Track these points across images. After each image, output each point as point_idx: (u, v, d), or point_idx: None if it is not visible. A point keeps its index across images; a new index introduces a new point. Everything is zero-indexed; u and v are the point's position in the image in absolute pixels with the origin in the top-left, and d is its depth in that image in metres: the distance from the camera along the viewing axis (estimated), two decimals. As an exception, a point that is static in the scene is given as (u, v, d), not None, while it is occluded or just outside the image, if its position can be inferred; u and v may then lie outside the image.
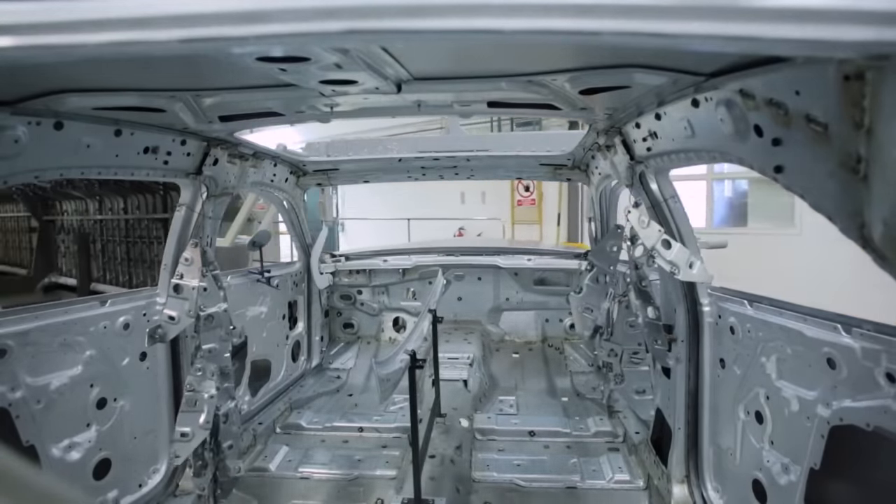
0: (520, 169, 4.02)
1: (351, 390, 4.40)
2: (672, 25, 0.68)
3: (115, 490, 2.41)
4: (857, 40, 0.66)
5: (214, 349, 2.63)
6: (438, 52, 1.57)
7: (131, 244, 8.94)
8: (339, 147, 3.95)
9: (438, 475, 2.83)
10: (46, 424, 2.11)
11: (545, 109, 2.12)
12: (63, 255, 10.58)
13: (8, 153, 1.71)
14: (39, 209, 10.64)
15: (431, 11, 0.71)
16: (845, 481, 1.67)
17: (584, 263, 4.42)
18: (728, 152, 1.58)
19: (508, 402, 4.00)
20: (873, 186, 0.90)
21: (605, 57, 1.53)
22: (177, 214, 2.69)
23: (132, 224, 8.86)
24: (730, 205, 10.27)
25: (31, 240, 11.22)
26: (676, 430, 2.52)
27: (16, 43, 0.73)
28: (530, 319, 5.07)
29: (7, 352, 1.97)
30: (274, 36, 0.74)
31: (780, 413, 1.87)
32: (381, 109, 2.18)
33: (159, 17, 0.73)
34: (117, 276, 9.17)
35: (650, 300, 2.73)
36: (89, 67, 1.51)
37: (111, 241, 9.27)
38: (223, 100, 1.96)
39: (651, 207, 2.42)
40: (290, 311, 4.23)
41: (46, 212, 10.61)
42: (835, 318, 1.62)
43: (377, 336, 5.10)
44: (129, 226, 8.91)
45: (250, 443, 3.26)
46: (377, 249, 5.41)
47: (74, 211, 10.04)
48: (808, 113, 1.06)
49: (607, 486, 2.93)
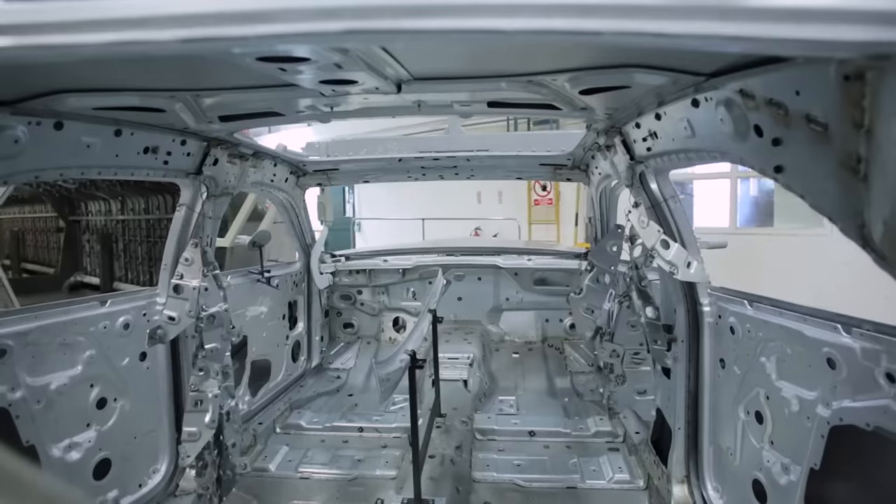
0: (520, 169, 4.02)
1: (351, 390, 4.40)
2: (672, 25, 0.69)
3: (115, 490, 2.41)
4: (857, 40, 0.66)
5: (216, 349, 2.64)
6: (438, 52, 1.57)
7: (152, 244, 9.06)
8: (339, 147, 3.95)
9: (438, 475, 2.83)
10: (46, 424, 2.11)
11: (545, 109, 2.12)
12: (88, 254, 10.79)
13: (8, 153, 1.71)
14: (66, 209, 10.87)
15: (431, 11, 0.71)
16: (845, 481, 1.67)
17: (584, 263, 4.42)
18: (728, 152, 1.58)
19: (508, 402, 4.00)
20: (873, 186, 0.90)
21: (606, 57, 1.53)
22: (177, 214, 2.69)
23: (153, 224, 9.00)
24: (755, 204, 9.98)
25: (58, 240, 11.48)
26: (676, 430, 2.52)
27: (16, 43, 0.73)
28: (530, 319, 5.07)
29: (7, 352, 1.97)
30: (274, 36, 0.74)
31: (780, 413, 1.87)
32: (381, 109, 2.18)
33: (159, 17, 0.73)
34: (139, 275, 9.32)
35: (650, 300, 2.73)
36: (89, 67, 1.51)
37: (133, 241, 9.42)
38: (223, 100, 1.96)
39: (651, 207, 2.42)
40: (291, 311, 4.23)
41: (72, 212, 10.83)
42: (835, 318, 1.62)
43: (377, 336, 5.10)
44: (150, 226, 9.05)
45: (250, 443, 3.26)
46: (377, 249, 5.41)
47: (98, 211, 10.24)
48: (808, 113, 1.06)
49: (607, 486, 2.93)
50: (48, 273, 11.43)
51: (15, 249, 12.59)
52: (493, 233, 12.22)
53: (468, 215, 12.11)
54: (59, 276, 10.76)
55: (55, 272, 10.99)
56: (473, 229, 12.46)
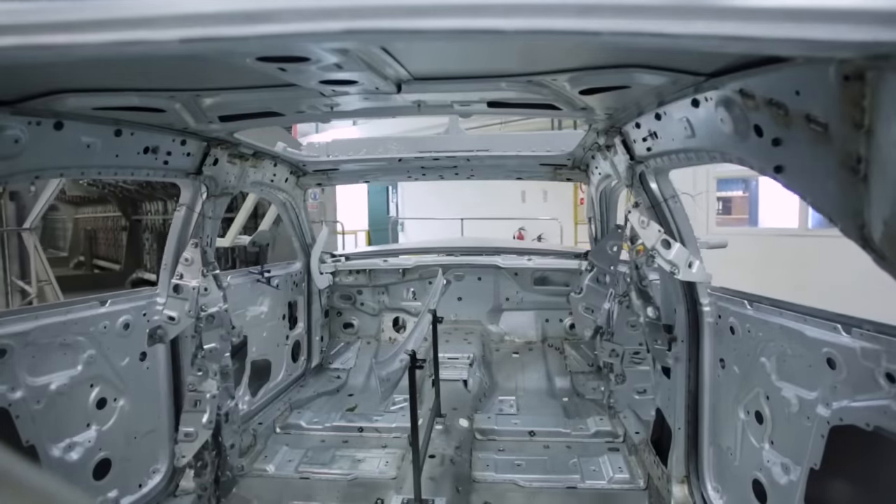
0: (520, 169, 4.02)
1: (351, 390, 4.40)
2: (672, 25, 0.69)
3: (115, 490, 2.41)
4: (857, 40, 0.66)
5: (215, 349, 2.64)
6: (438, 52, 1.57)
7: (204, 242, 9.35)
8: (340, 147, 3.95)
9: (438, 475, 2.83)
10: (46, 424, 2.11)
11: (545, 109, 2.12)
12: (147, 252, 11.21)
13: (8, 153, 1.71)
14: (129, 209, 11.35)
15: (431, 11, 0.71)
16: (845, 481, 1.67)
17: (584, 263, 4.42)
18: (728, 152, 1.58)
19: (508, 402, 4.00)
20: (873, 186, 0.90)
21: (606, 57, 1.53)
22: (176, 214, 2.69)
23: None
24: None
25: (123, 238, 12.05)
26: (676, 430, 2.52)
27: (16, 43, 0.73)
28: (530, 319, 5.07)
29: (7, 352, 1.97)
30: (274, 36, 0.74)
31: (780, 413, 1.87)
32: (381, 109, 2.18)
33: (159, 17, 0.73)
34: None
35: (650, 300, 2.73)
36: (89, 67, 1.51)
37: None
38: (223, 100, 1.96)
39: (651, 207, 2.42)
40: (291, 311, 4.23)
41: (135, 211, 11.31)
42: (835, 318, 1.62)
43: (377, 336, 5.10)
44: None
45: (250, 443, 3.27)
46: (377, 249, 5.41)
47: (156, 211, 10.60)
48: (808, 113, 1.06)
49: (607, 486, 2.93)
50: (114, 269, 12.04)
51: (88, 247, 13.57)
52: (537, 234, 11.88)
53: (512, 215, 11.75)
54: (123, 273, 11.31)
55: (120, 269, 11.56)
56: (517, 230, 12.15)
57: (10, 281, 7.50)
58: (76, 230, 14.16)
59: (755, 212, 10.95)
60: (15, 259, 7.61)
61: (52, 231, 15.63)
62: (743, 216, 11.42)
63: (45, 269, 7.70)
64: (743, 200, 11.50)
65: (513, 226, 12.16)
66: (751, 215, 11.14)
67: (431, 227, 12.59)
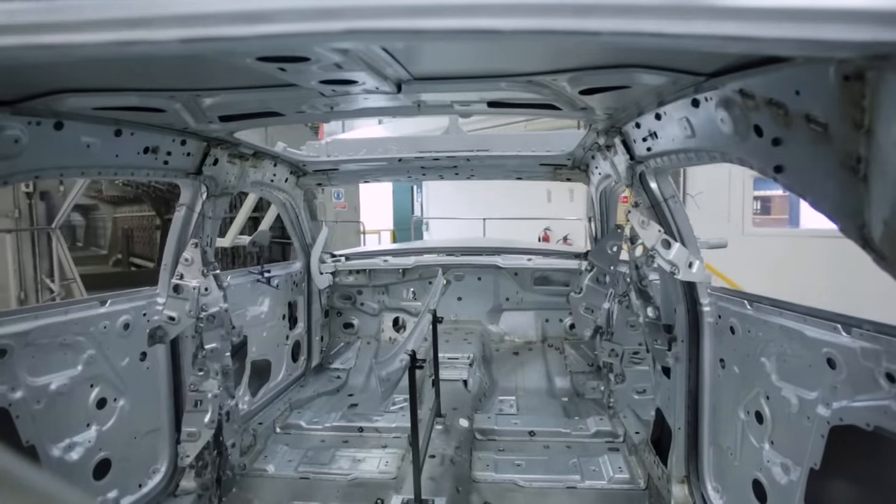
0: (520, 169, 4.02)
1: (351, 390, 4.40)
2: (672, 25, 0.69)
3: (115, 490, 2.41)
4: (857, 40, 0.66)
5: (216, 349, 2.64)
6: (438, 52, 1.57)
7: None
8: (339, 147, 3.95)
9: (438, 475, 2.83)
10: (46, 424, 2.11)
11: (545, 109, 2.12)
12: None
13: (8, 153, 1.71)
14: (162, 208, 11.52)
15: (431, 11, 0.71)
16: (845, 481, 1.67)
17: (584, 263, 4.42)
18: (728, 152, 1.58)
19: (508, 402, 4.00)
20: (873, 186, 0.90)
21: (605, 57, 1.53)
22: (177, 214, 2.70)
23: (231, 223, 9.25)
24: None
25: (157, 237, 12.34)
26: (676, 430, 2.52)
27: (16, 43, 0.73)
28: (530, 319, 5.07)
29: (7, 352, 1.97)
30: (274, 36, 0.74)
31: (780, 413, 1.87)
32: (382, 109, 2.18)
33: (159, 17, 0.73)
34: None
35: (650, 300, 2.73)
36: (89, 67, 1.51)
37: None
38: (223, 100, 1.96)
39: (651, 207, 2.42)
40: (291, 311, 4.23)
41: (168, 211, 11.46)
42: (835, 318, 1.62)
43: (377, 336, 5.10)
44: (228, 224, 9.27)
45: (250, 443, 3.27)
46: (377, 249, 5.41)
47: None
48: (808, 113, 1.06)
49: (607, 486, 2.93)
50: (149, 267, 12.30)
51: (125, 246, 13.98)
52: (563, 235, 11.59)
53: (538, 214, 11.51)
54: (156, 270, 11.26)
55: (154, 266, 11.67)
56: (543, 230, 11.90)
57: (41, 279, 7.67)
58: (115, 229, 14.49)
59: (796, 211, 10.58)
60: (45, 257, 7.80)
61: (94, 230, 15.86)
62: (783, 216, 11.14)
63: (70, 267, 7.84)
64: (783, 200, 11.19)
65: (538, 226, 11.89)
66: (791, 215, 10.77)
67: (456, 226, 12.39)
